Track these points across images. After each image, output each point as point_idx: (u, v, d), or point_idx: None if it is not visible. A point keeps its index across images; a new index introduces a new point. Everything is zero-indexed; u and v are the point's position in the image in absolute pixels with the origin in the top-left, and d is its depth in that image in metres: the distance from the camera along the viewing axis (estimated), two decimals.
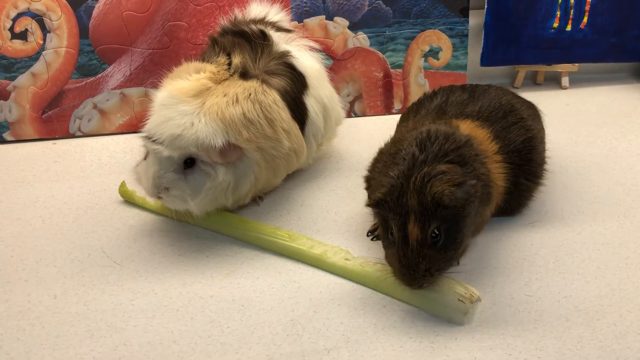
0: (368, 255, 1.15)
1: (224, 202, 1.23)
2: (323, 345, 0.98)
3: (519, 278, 1.11)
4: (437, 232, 0.99)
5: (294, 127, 1.28)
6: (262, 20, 1.42)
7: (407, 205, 0.99)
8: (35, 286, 1.13)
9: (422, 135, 1.06)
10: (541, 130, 1.29)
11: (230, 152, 1.17)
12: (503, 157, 1.16)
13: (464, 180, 1.00)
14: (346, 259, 1.13)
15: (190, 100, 1.16)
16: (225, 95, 1.19)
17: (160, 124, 1.15)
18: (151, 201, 1.31)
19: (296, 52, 1.36)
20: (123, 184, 1.37)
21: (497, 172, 1.14)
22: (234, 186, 1.21)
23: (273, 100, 1.23)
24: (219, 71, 1.24)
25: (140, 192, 1.32)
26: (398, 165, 1.04)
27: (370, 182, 1.17)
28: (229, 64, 1.26)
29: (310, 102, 1.34)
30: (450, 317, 1.02)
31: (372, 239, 1.23)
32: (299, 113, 1.32)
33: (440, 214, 0.98)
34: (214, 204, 1.21)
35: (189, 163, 1.16)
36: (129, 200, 1.36)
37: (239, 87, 1.21)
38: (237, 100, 1.18)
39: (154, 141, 1.15)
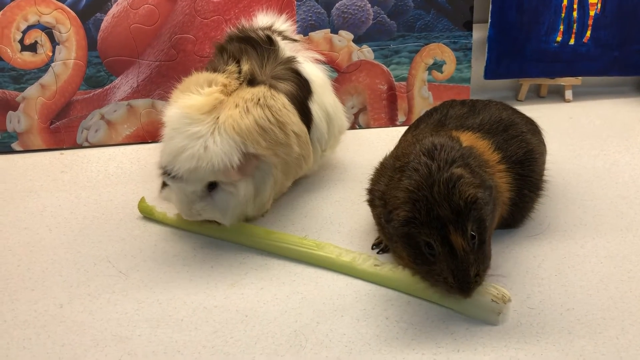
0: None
1: (248, 212, 1.26)
2: (326, 356, 0.99)
3: (521, 290, 1.12)
4: (473, 234, 0.99)
5: (303, 130, 1.29)
6: (268, 29, 1.43)
7: (440, 216, 0.98)
8: (42, 295, 1.14)
9: (427, 145, 1.07)
10: (540, 144, 1.30)
11: (247, 166, 1.18)
12: (506, 166, 1.17)
13: (482, 180, 1.02)
14: (376, 265, 1.15)
15: (204, 117, 1.17)
16: (236, 106, 1.20)
17: (174, 158, 1.16)
18: (171, 216, 1.32)
19: (301, 59, 1.38)
20: (142, 200, 1.36)
21: (502, 182, 1.15)
22: (254, 194, 1.24)
23: (282, 104, 1.24)
24: (230, 81, 1.24)
25: (160, 208, 1.34)
26: (411, 177, 1.02)
27: (374, 194, 1.18)
28: (239, 72, 1.27)
29: (314, 107, 1.36)
30: (484, 317, 1.04)
31: (378, 252, 1.23)
32: (305, 117, 1.33)
33: (472, 216, 0.98)
34: (241, 215, 1.25)
35: (212, 186, 1.20)
36: (148, 216, 1.35)
37: (247, 94, 1.22)
38: (247, 110, 1.19)
39: (173, 177, 1.17)
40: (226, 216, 1.21)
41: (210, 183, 1.19)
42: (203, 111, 1.17)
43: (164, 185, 1.27)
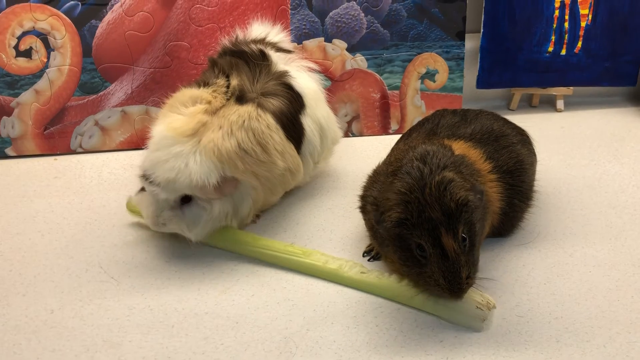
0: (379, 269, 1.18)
1: (234, 222, 1.27)
2: None
3: (510, 299, 1.13)
4: (464, 237, 1.00)
5: (288, 147, 1.30)
6: (262, 41, 1.45)
7: (432, 218, 0.98)
8: (33, 300, 1.14)
9: (420, 152, 1.08)
10: (531, 155, 1.31)
11: (225, 186, 1.20)
12: (497, 176, 1.18)
13: (473, 185, 1.03)
14: (362, 272, 1.15)
15: (186, 140, 1.18)
16: (220, 128, 1.21)
17: (155, 165, 1.18)
18: None
19: (294, 73, 1.39)
20: (130, 199, 1.36)
21: (493, 191, 1.16)
22: (233, 213, 1.25)
23: (266, 125, 1.25)
24: (216, 97, 1.25)
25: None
26: (403, 180, 1.03)
27: (366, 200, 1.19)
28: (228, 86, 1.28)
29: (306, 121, 1.37)
30: (468, 324, 1.05)
31: (369, 260, 1.24)
32: (296, 132, 1.34)
33: (463, 218, 0.99)
34: (213, 229, 1.24)
35: (185, 200, 1.20)
36: (137, 215, 1.35)
37: (234, 114, 1.23)
38: (231, 132, 1.21)
39: (150, 182, 1.18)
40: (193, 230, 1.21)
41: (184, 197, 1.19)
42: (186, 135, 1.19)
43: (142, 190, 1.28)
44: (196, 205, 1.21)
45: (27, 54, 1.64)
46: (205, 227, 1.22)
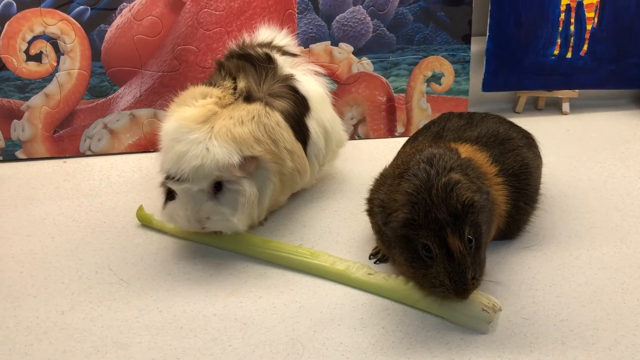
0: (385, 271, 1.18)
1: (255, 216, 1.27)
2: None
3: (515, 301, 1.13)
4: (470, 238, 1.01)
5: (297, 147, 1.31)
6: (268, 44, 1.46)
7: (438, 219, 0.99)
8: (44, 302, 1.15)
9: (427, 154, 1.09)
10: (536, 158, 1.32)
11: (247, 164, 1.20)
12: (503, 180, 1.19)
13: (479, 186, 1.04)
14: (369, 274, 1.16)
15: (200, 126, 1.19)
16: (231, 117, 1.22)
17: (178, 160, 1.17)
18: (170, 225, 1.32)
19: (300, 76, 1.40)
20: (141, 208, 1.38)
21: (499, 194, 1.17)
22: (258, 197, 1.25)
23: (276, 122, 1.27)
24: (224, 95, 1.27)
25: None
26: (410, 181, 1.04)
27: (373, 203, 1.20)
28: (235, 88, 1.29)
29: (311, 124, 1.38)
30: (474, 326, 1.06)
31: (375, 262, 1.25)
32: (301, 134, 1.35)
33: (469, 220, 1.00)
34: (250, 217, 1.25)
35: (217, 187, 1.20)
36: (147, 224, 1.37)
37: (243, 110, 1.25)
38: (242, 122, 1.22)
39: (178, 180, 1.18)
40: (235, 216, 1.21)
41: (215, 184, 1.19)
42: (198, 121, 1.20)
43: (167, 200, 1.25)
44: (229, 190, 1.21)
45: (38, 58, 1.66)
46: (244, 211, 1.21)
